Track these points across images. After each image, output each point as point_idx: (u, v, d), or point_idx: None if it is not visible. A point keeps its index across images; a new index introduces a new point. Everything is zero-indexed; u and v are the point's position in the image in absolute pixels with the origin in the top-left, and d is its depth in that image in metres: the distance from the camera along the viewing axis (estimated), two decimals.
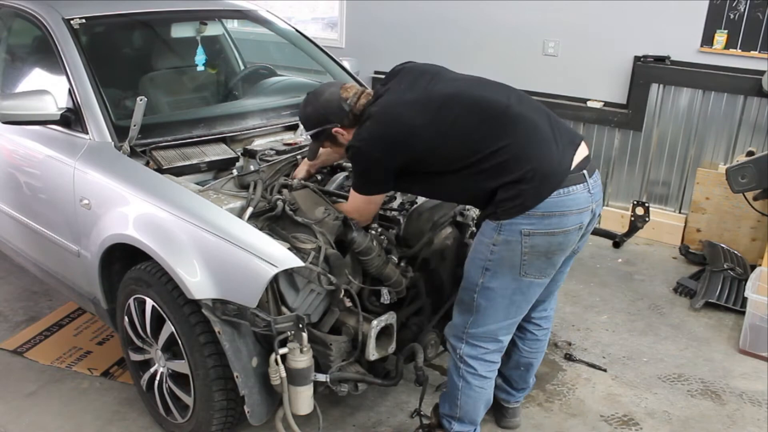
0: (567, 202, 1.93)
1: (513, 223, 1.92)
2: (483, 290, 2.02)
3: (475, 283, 2.03)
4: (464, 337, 2.12)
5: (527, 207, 1.90)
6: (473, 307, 2.06)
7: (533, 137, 1.95)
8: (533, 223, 1.91)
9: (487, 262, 1.98)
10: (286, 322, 1.93)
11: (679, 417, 2.65)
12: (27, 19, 2.87)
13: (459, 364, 2.15)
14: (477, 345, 2.13)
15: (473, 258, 2.04)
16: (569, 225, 1.95)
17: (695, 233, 4.18)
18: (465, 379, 2.16)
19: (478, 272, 2.01)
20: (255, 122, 2.77)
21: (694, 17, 4.11)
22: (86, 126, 2.50)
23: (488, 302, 2.04)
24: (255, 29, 3.73)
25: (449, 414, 2.25)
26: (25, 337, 3.03)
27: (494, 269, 1.99)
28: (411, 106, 1.97)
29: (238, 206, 2.19)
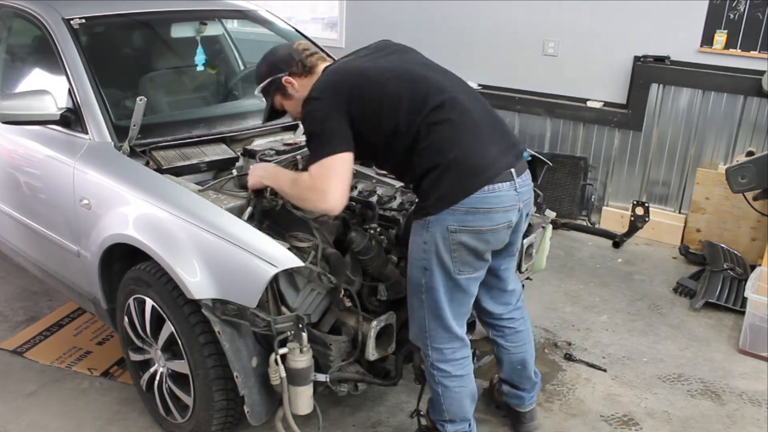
0: (492, 200, 1.93)
1: (439, 219, 1.92)
2: (428, 290, 2.01)
3: (420, 284, 2.02)
4: (428, 343, 2.10)
5: (453, 200, 1.90)
6: (425, 310, 2.04)
7: (470, 129, 1.96)
8: (459, 220, 1.91)
9: (423, 261, 1.98)
10: (286, 322, 1.93)
11: (679, 417, 2.65)
12: (27, 19, 2.87)
13: (432, 371, 2.13)
14: (441, 347, 2.10)
15: (411, 260, 2.03)
16: (496, 223, 1.96)
17: (695, 233, 4.18)
18: (442, 384, 2.14)
19: (420, 273, 2.00)
20: (255, 122, 2.77)
21: (694, 17, 4.11)
22: (86, 126, 2.50)
23: (435, 302, 2.02)
24: (255, 29, 3.73)
25: (440, 419, 2.24)
26: (25, 337, 3.03)
27: (430, 268, 1.98)
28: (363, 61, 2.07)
29: (238, 206, 2.19)
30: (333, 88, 1.98)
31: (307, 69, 2.12)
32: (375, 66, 2.04)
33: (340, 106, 1.94)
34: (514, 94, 4.72)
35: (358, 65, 2.05)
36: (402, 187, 2.48)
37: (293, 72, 2.12)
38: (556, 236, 4.08)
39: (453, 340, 2.10)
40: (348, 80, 1.99)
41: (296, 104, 2.12)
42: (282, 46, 2.22)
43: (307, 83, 2.08)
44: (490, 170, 1.93)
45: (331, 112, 1.94)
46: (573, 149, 4.64)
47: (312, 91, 2.00)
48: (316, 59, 2.15)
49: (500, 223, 1.97)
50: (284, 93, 2.15)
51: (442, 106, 1.94)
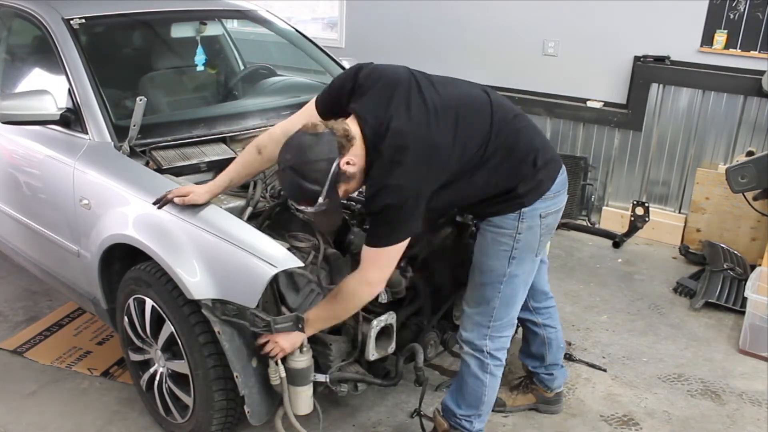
0: (564, 181, 2.11)
1: (533, 209, 2.00)
2: (510, 279, 2.07)
3: (502, 274, 2.06)
4: (488, 333, 2.14)
5: (546, 189, 2.01)
6: (496, 300, 2.10)
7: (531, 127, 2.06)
8: (548, 205, 2.03)
9: (513, 251, 2.03)
10: (285, 322, 1.93)
11: (679, 417, 2.65)
12: (27, 19, 2.87)
13: (486, 361, 2.17)
14: (500, 336, 2.17)
15: (496, 251, 2.04)
16: (564, 200, 2.13)
17: (695, 233, 4.18)
18: (492, 374, 2.19)
19: (504, 263, 2.05)
20: (255, 122, 2.77)
21: (694, 17, 4.11)
22: (86, 126, 2.50)
23: (513, 289, 2.10)
24: (255, 29, 3.73)
25: (470, 414, 2.23)
26: (25, 337, 3.03)
27: (519, 256, 2.05)
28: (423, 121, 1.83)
29: (238, 206, 2.19)
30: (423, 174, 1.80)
31: (348, 137, 1.79)
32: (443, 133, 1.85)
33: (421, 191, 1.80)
34: (514, 94, 4.71)
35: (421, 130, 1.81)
36: None
37: (343, 150, 1.78)
38: (556, 236, 4.06)
39: (509, 327, 2.20)
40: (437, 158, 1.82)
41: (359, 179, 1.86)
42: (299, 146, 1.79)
43: (356, 151, 1.80)
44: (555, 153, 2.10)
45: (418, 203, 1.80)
46: (573, 149, 4.64)
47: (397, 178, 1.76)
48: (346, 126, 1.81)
49: (566, 200, 2.14)
50: (347, 178, 1.81)
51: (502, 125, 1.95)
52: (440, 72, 2.05)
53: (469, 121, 1.91)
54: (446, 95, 1.91)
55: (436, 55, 4.98)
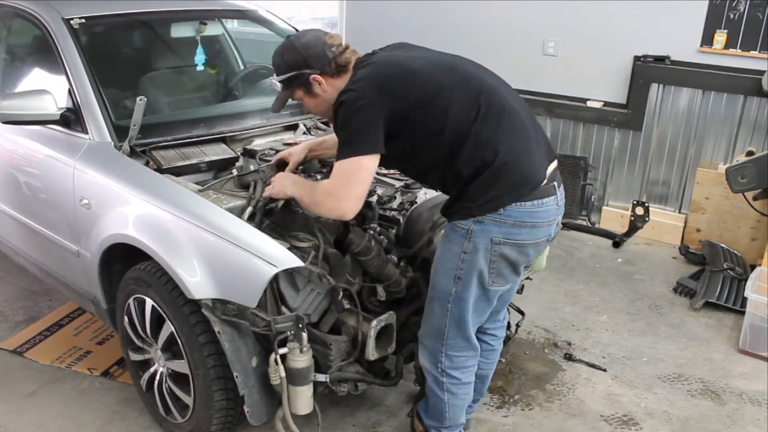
0: (540, 214, 1.91)
1: (484, 230, 1.87)
2: (456, 299, 1.97)
3: (448, 293, 1.97)
4: (444, 351, 2.07)
5: (503, 203, 1.85)
6: (447, 318, 2.01)
7: (519, 133, 1.91)
8: (505, 232, 1.87)
9: (458, 270, 1.92)
10: (285, 322, 1.93)
11: (679, 417, 2.65)
12: (27, 19, 2.87)
13: (442, 378, 2.11)
14: (457, 355, 2.09)
15: (443, 267, 1.96)
16: (539, 237, 1.94)
17: (695, 233, 4.18)
18: (450, 392, 2.13)
19: (450, 281, 1.95)
20: (255, 122, 2.77)
21: (694, 17, 4.11)
22: (86, 126, 2.50)
23: (461, 311, 1.99)
24: (255, 29, 3.73)
25: (438, 425, 2.23)
26: (24, 337, 3.03)
27: (465, 278, 1.93)
28: (409, 57, 1.95)
29: (238, 206, 2.19)
30: (377, 83, 1.85)
31: (340, 69, 1.95)
32: (421, 60, 1.93)
33: (383, 103, 1.82)
34: None
35: (402, 60, 1.92)
36: (402, 187, 2.48)
37: (324, 72, 1.94)
38: (556, 236, 4.08)
39: (468, 348, 2.09)
40: (395, 75, 1.87)
41: (319, 103, 2.01)
42: (312, 34, 1.98)
43: (337, 84, 1.95)
44: (538, 182, 1.89)
45: (370, 108, 1.81)
46: (573, 149, 4.64)
47: (353, 83, 1.87)
48: (350, 55, 1.97)
49: (542, 238, 1.95)
50: (308, 90, 1.98)
51: (491, 106, 1.88)
52: None
53: (455, 78, 1.90)
54: (450, 56, 2.01)
55: None
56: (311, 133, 2.82)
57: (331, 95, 1.96)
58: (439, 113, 1.86)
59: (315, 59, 1.93)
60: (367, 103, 1.82)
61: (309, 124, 2.86)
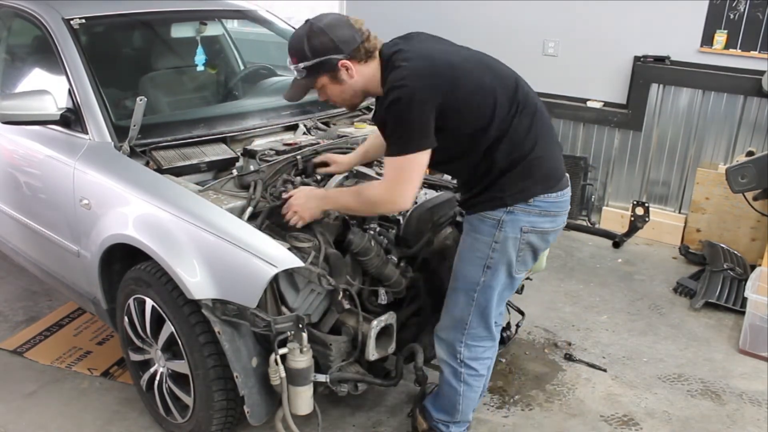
0: (562, 204, 2.02)
1: (515, 220, 1.94)
2: (484, 288, 2.03)
3: (476, 282, 2.02)
4: (464, 341, 2.11)
5: (534, 194, 1.93)
6: (471, 307, 2.05)
7: (548, 128, 2.02)
8: (532, 221, 1.96)
9: (488, 260, 1.99)
10: (285, 322, 1.93)
11: (679, 417, 2.65)
12: (27, 19, 2.87)
13: (460, 369, 2.13)
14: (476, 345, 2.13)
15: (471, 257, 2.02)
16: (560, 224, 2.05)
17: (695, 233, 4.18)
18: (467, 383, 2.15)
19: (479, 271, 2.01)
20: (255, 122, 2.77)
21: (694, 17, 4.11)
22: (86, 126, 2.50)
23: (487, 300, 2.05)
24: (255, 29, 3.73)
25: (447, 420, 2.23)
26: (25, 337, 3.03)
27: (495, 266, 2.00)
28: (443, 51, 1.93)
29: (238, 206, 2.19)
30: (427, 79, 1.81)
31: (369, 55, 1.90)
32: (455, 55, 1.92)
33: (434, 99, 1.80)
34: None
35: (441, 55, 1.89)
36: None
37: (354, 57, 1.88)
38: None
39: (488, 338, 2.14)
40: (441, 71, 1.83)
41: (344, 90, 1.95)
42: (332, 16, 1.92)
43: (364, 71, 1.90)
44: (562, 174, 2.02)
45: (424, 104, 1.79)
46: (573, 149, 4.64)
47: (402, 78, 1.80)
48: (374, 41, 1.92)
49: (560, 225, 2.06)
50: (335, 77, 1.91)
51: (526, 103, 1.94)
52: None
53: (493, 75, 1.94)
54: (477, 53, 2.02)
55: None
56: (311, 133, 2.82)
57: (357, 83, 1.92)
58: (485, 109, 1.88)
59: (345, 44, 1.87)
60: (420, 99, 1.79)
61: (309, 125, 2.85)
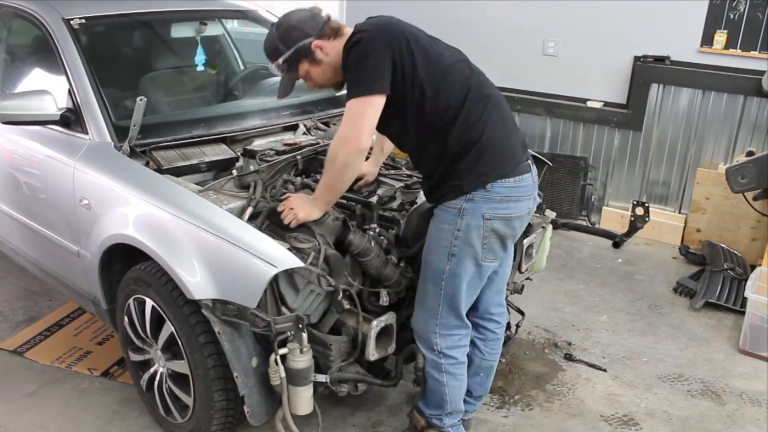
0: (521, 189, 2.03)
1: (475, 207, 1.96)
2: (450, 277, 2.03)
3: (441, 271, 2.03)
4: (437, 331, 2.11)
5: (490, 180, 1.96)
6: (440, 297, 2.06)
7: (502, 118, 2.04)
8: (493, 207, 1.98)
9: (452, 248, 2.00)
10: (285, 323, 1.93)
11: (679, 417, 2.65)
12: (27, 19, 2.87)
13: (439, 360, 2.14)
14: (450, 334, 2.13)
15: (437, 246, 2.03)
16: (522, 210, 2.05)
17: (695, 233, 4.18)
18: (449, 372, 2.15)
19: (444, 259, 2.02)
20: (255, 122, 2.77)
21: (694, 17, 4.11)
22: (86, 126, 2.50)
23: (454, 288, 2.05)
24: (255, 29, 3.73)
25: (437, 413, 2.24)
26: (25, 337, 3.03)
27: (459, 254, 2.00)
28: (411, 26, 2.03)
29: (238, 206, 2.19)
30: (386, 31, 1.92)
31: (335, 31, 2.02)
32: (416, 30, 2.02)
33: (390, 49, 1.88)
34: (514, 93, 4.72)
35: (406, 25, 2.01)
36: (402, 187, 2.48)
37: (323, 34, 2.01)
38: (556, 236, 4.08)
39: (461, 327, 2.14)
40: (397, 32, 1.94)
41: (325, 70, 2.04)
42: (293, 12, 2.06)
43: (337, 46, 2.00)
44: (519, 159, 2.03)
45: (380, 51, 1.87)
46: (573, 149, 4.65)
47: (363, 28, 1.92)
48: (338, 23, 2.06)
49: (524, 211, 2.06)
50: (312, 59, 2.02)
51: (480, 90, 2.00)
52: None
53: (453, 57, 2.02)
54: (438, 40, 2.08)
55: None
56: (311, 133, 2.82)
57: (334, 58, 2.01)
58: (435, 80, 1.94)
59: (311, 27, 2.01)
60: (377, 45, 1.88)
61: (309, 125, 2.86)
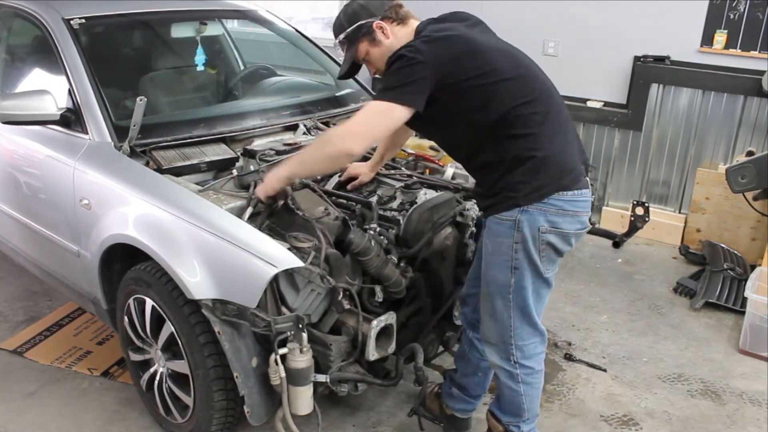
0: (579, 204, 1.96)
1: (531, 219, 1.90)
2: (517, 289, 1.98)
3: (507, 285, 1.98)
4: (513, 342, 2.05)
5: (548, 193, 1.90)
6: (510, 309, 2.01)
7: (562, 130, 1.98)
8: (550, 221, 1.92)
9: (513, 261, 1.95)
10: (285, 323, 1.93)
11: (679, 417, 2.65)
12: (27, 19, 2.87)
13: (516, 371, 2.09)
14: (526, 344, 2.08)
15: (497, 261, 1.98)
16: (579, 227, 1.99)
17: (695, 233, 4.18)
18: (525, 383, 2.12)
19: (507, 273, 1.97)
20: (255, 122, 2.77)
21: (694, 17, 4.11)
22: (86, 126, 2.50)
23: (524, 300, 2.00)
24: (255, 29, 3.73)
25: (515, 421, 2.20)
26: (25, 337, 3.03)
27: (521, 267, 1.96)
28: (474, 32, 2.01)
29: (238, 206, 2.19)
30: (437, 48, 1.88)
31: (400, 18, 2.04)
32: (482, 37, 2.00)
33: (438, 62, 1.85)
34: None
35: (467, 34, 1.98)
36: (402, 187, 2.48)
37: (387, 17, 2.02)
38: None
39: (536, 335, 2.09)
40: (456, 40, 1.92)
41: (383, 53, 2.01)
42: None
43: (399, 32, 2.02)
44: (578, 174, 1.97)
45: (424, 67, 1.84)
46: None
47: (414, 41, 1.92)
48: (407, 11, 2.09)
49: (581, 228, 2.00)
50: (372, 39, 2.02)
51: (540, 99, 1.94)
52: None
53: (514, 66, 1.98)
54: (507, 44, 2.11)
55: None
56: (311, 133, 2.82)
57: (394, 44, 1.99)
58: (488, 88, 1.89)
59: (376, 8, 2.04)
60: (422, 60, 1.84)
61: (309, 125, 2.86)
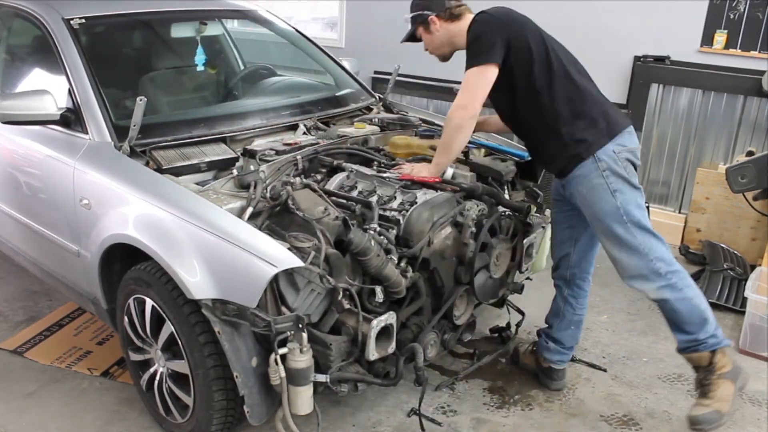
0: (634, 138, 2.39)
1: (603, 151, 2.27)
2: (626, 210, 2.26)
3: (616, 208, 2.26)
4: (651, 256, 2.27)
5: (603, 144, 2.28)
6: (631, 229, 2.26)
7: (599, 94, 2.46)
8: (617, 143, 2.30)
9: (610, 185, 2.26)
10: (285, 322, 1.93)
11: (679, 417, 2.65)
12: (27, 19, 2.87)
13: (672, 280, 2.29)
14: (663, 252, 2.29)
15: (597, 196, 2.28)
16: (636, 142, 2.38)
17: (695, 233, 4.18)
18: (687, 285, 2.32)
19: (611, 198, 2.26)
20: (255, 122, 2.77)
21: (694, 17, 4.11)
22: (86, 126, 2.50)
23: (636, 216, 2.26)
24: (255, 29, 3.74)
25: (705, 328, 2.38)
26: (25, 337, 3.03)
27: (619, 188, 2.26)
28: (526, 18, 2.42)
29: (238, 206, 2.19)
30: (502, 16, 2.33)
31: (453, 16, 2.45)
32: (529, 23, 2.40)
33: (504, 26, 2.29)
34: None
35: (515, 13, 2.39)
36: (402, 187, 2.48)
37: (440, 15, 2.45)
38: None
39: (661, 242, 2.32)
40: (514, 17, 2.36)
41: (433, 41, 2.51)
42: None
43: (449, 27, 2.45)
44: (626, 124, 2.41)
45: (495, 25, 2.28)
46: None
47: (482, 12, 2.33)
48: (464, 9, 2.47)
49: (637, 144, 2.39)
50: (426, 28, 2.49)
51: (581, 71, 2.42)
52: (439, 70, 2.14)
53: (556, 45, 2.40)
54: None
55: None
56: (311, 133, 2.82)
57: (442, 36, 2.48)
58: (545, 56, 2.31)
59: (435, 5, 2.46)
60: (493, 23, 2.30)
61: (309, 125, 2.86)
